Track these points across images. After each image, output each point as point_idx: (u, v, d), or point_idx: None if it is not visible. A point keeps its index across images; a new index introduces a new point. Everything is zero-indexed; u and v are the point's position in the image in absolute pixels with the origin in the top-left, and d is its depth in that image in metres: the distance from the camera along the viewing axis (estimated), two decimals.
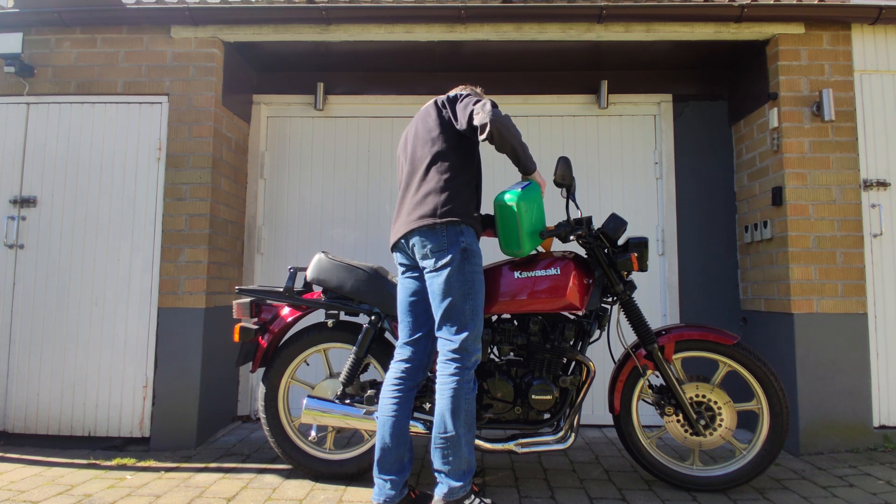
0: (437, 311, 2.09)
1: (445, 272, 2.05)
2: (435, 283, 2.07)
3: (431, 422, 2.36)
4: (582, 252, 3.60)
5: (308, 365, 3.51)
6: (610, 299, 2.44)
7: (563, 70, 3.74)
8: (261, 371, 3.60)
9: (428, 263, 2.09)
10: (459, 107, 2.14)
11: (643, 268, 2.35)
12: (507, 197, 2.21)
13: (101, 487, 2.44)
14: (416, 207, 2.12)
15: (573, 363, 2.41)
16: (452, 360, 2.06)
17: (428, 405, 2.41)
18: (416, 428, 2.33)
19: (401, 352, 2.22)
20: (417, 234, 2.10)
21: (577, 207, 2.42)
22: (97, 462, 2.78)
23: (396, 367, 2.20)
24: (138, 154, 3.19)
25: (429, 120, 2.21)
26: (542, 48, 3.41)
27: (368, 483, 2.47)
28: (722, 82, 3.70)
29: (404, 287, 2.24)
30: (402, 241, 2.18)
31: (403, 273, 2.25)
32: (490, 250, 3.64)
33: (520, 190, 2.19)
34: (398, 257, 2.26)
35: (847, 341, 2.98)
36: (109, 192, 3.17)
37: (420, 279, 2.21)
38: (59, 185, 3.18)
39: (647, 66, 3.66)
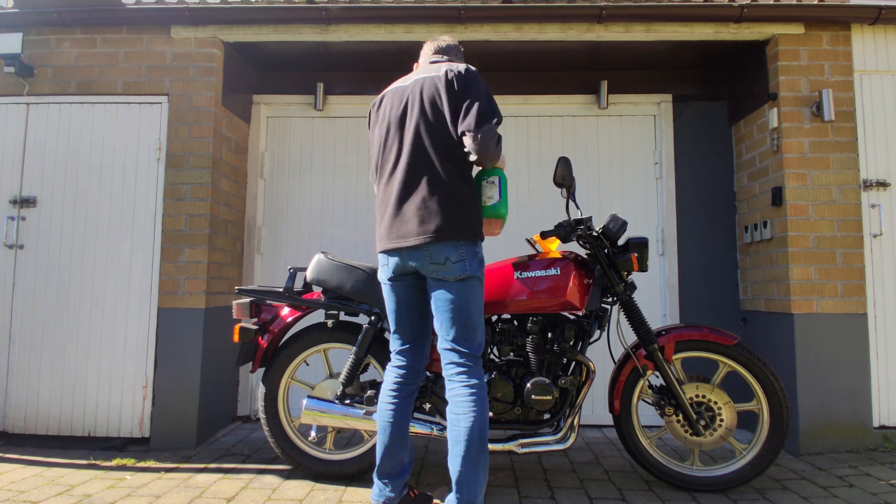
0: (449, 323, 1.96)
1: (462, 285, 1.94)
2: (448, 294, 1.94)
3: (431, 422, 2.37)
4: (582, 252, 3.60)
5: (308, 365, 3.51)
6: (610, 299, 2.44)
7: (563, 70, 3.73)
8: (261, 371, 3.59)
9: (443, 274, 1.94)
10: (469, 109, 1.90)
11: (643, 268, 2.35)
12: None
13: (101, 487, 2.44)
14: (434, 216, 1.92)
15: (573, 363, 2.41)
16: (464, 371, 1.95)
17: (428, 405, 2.41)
18: (416, 428, 2.33)
19: (397, 358, 2.14)
20: (436, 245, 1.92)
21: (577, 207, 2.42)
22: (97, 462, 2.78)
23: (393, 373, 2.13)
24: (138, 154, 3.19)
25: (437, 99, 1.96)
26: (542, 48, 3.41)
27: (368, 483, 2.47)
28: (722, 82, 3.70)
29: (398, 295, 2.07)
30: (411, 250, 1.96)
31: (395, 279, 2.05)
32: (490, 252, 3.64)
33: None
34: (391, 262, 2.03)
35: (847, 341, 2.98)
36: (109, 192, 3.17)
37: (414, 286, 2.07)
38: (59, 185, 3.18)
39: (647, 66, 3.66)
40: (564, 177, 2.25)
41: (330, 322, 2.56)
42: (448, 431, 1.93)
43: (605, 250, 2.37)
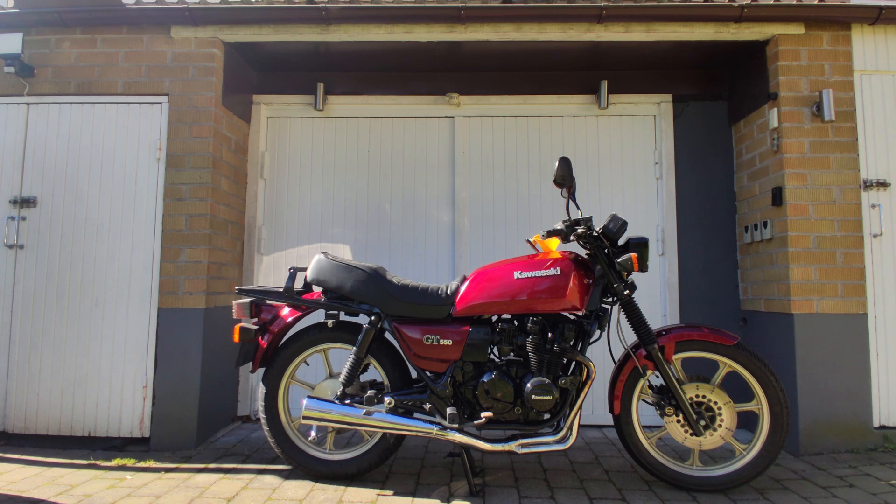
0: None
1: None
2: None
3: (431, 421, 2.37)
4: (582, 252, 3.60)
5: (308, 365, 3.51)
6: (610, 299, 2.44)
7: (563, 70, 3.74)
8: (261, 371, 3.59)
9: None
10: None
11: (643, 268, 2.35)
12: None
13: (101, 487, 2.44)
14: None
15: (573, 363, 2.41)
16: None
17: (428, 405, 2.41)
18: (417, 428, 2.33)
19: None
20: None
21: (578, 207, 2.42)
22: (97, 462, 2.78)
23: None
24: (138, 154, 3.19)
25: None
26: (542, 48, 3.41)
27: (368, 483, 2.47)
28: (722, 82, 3.70)
29: None
30: None
31: None
32: (490, 251, 3.64)
33: None
34: None
35: (847, 341, 2.98)
36: (109, 192, 3.17)
37: None
38: (59, 185, 3.18)
39: (647, 66, 3.66)
40: (564, 177, 2.25)
41: (330, 322, 2.56)
42: None
43: (606, 250, 2.37)
